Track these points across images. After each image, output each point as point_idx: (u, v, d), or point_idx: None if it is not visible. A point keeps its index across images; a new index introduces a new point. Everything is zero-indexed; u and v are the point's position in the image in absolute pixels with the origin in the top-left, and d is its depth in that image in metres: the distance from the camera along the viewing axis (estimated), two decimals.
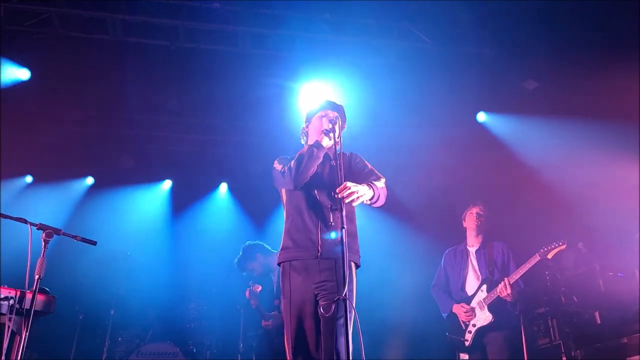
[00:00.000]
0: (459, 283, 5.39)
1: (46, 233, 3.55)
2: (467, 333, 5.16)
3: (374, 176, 3.59)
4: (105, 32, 6.53)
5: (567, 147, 6.72)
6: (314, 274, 3.36)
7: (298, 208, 3.52)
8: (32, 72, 7.04)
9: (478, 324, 5.12)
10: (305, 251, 3.40)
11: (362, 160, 3.77)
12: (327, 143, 3.51)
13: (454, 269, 5.51)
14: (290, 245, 3.48)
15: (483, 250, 5.42)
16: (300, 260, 3.41)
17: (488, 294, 5.12)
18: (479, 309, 5.15)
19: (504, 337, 5.02)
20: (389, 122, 7.75)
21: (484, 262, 5.33)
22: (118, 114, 8.13)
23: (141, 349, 6.29)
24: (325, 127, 3.54)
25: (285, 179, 3.53)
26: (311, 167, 3.47)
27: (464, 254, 5.51)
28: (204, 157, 9.05)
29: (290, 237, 3.49)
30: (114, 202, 8.59)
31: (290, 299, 3.36)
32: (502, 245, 5.42)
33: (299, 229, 3.46)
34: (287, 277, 3.43)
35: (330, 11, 6.56)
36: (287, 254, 3.49)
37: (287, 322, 3.35)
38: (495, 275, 5.23)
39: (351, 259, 3.34)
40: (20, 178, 8.45)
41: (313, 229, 3.38)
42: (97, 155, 8.61)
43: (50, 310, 3.76)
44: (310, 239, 3.40)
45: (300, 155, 3.52)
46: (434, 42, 6.91)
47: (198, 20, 6.49)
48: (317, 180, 3.54)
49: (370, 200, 3.39)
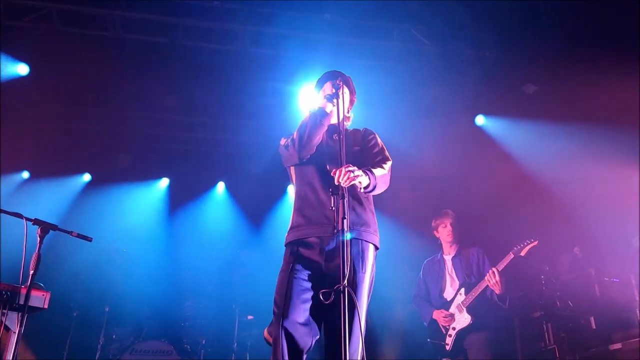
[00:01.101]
0: (437, 291, 5.47)
1: (41, 228, 3.54)
2: (448, 337, 5.22)
3: (381, 157, 3.34)
4: (105, 28, 6.51)
5: (565, 151, 6.73)
6: (325, 252, 3.05)
7: (311, 184, 3.22)
8: (31, 68, 7.02)
9: (458, 326, 5.17)
10: (319, 227, 3.09)
11: (375, 137, 3.48)
12: (330, 109, 3.24)
13: (432, 278, 5.59)
14: (302, 222, 3.15)
15: (459, 257, 5.50)
16: (314, 237, 3.09)
17: (466, 296, 5.18)
18: (458, 312, 5.21)
19: (485, 338, 5.04)
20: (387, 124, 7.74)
21: (460, 268, 5.41)
22: (116, 111, 8.11)
23: (135, 347, 6.27)
24: (328, 92, 3.28)
25: (289, 152, 3.26)
26: (315, 135, 3.20)
27: (440, 263, 5.60)
28: (202, 156, 9.04)
29: (302, 214, 3.18)
30: (111, 199, 8.57)
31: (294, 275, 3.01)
32: (477, 250, 5.49)
33: (313, 205, 3.16)
34: (294, 256, 3.08)
35: (330, 11, 6.56)
36: (298, 232, 3.15)
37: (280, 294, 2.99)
38: (472, 279, 5.29)
39: (369, 239, 3.14)
40: (17, 174, 8.42)
41: (328, 205, 2.93)
42: (95, 152, 8.60)
43: (44, 306, 3.74)
44: (326, 215, 3.08)
45: (302, 124, 3.26)
46: (434, 44, 6.92)
47: (197, 18, 6.48)
48: (330, 154, 3.25)
49: (365, 189, 3.09)
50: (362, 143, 3.42)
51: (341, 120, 3.11)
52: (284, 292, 2.97)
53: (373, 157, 3.34)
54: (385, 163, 3.28)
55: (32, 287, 3.46)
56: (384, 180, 3.20)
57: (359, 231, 3.10)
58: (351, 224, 2.98)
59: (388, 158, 3.37)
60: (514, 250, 5.08)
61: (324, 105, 3.26)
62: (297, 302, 2.94)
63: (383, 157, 3.35)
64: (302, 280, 3.00)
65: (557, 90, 6.95)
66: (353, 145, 3.36)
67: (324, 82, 3.49)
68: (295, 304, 2.93)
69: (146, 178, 9.13)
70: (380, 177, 3.15)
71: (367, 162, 3.27)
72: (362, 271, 3.04)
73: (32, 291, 3.48)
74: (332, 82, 3.32)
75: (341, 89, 3.20)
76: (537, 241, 5.05)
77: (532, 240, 5.07)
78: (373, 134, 3.50)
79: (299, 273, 3.02)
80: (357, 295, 2.95)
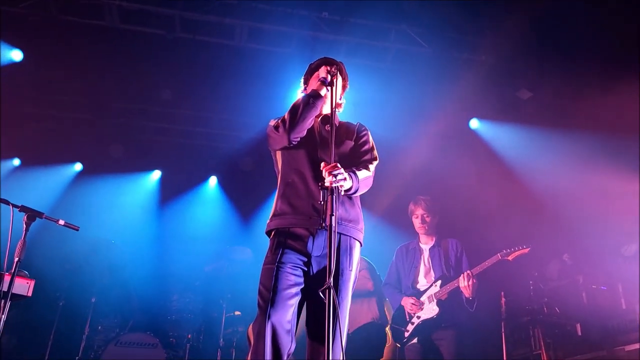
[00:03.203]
0: (410, 280, 5.32)
1: (28, 216, 3.52)
2: (410, 324, 5.14)
3: (369, 156, 3.28)
4: (102, 18, 6.49)
5: (557, 158, 6.75)
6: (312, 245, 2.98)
7: (300, 172, 3.11)
8: (25, 54, 6.97)
9: (423, 316, 5.08)
10: (306, 219, 3.00)
11: (367, 134, 3.40)
12: (325, 93, 3.13)
13: (405, 266, 5.43)
14: (288, 210, 3.05)
15: (437, 247, 5.36)
16: (302, 229, 3.00)
17: (441, 289, 5.07)
18: (428, 302, 5.11)
19: (453, 335, 4.96)
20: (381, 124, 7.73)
21: (438, 260, 5.27)
22: (110, 101, 8.07)
23: (120, 338, 6.24)
24: (323, 75, 3.16)
25: (278, 133, 3.11)
26: (307, 117, 3.09)
27: (416, 252, 5.43)
28: (195, 150, 9.02)
29: (289, 202, 3.07)
30: (102, 189, 8.52)
31: (281, 268, 2.92)
32: (455, 242, 5.37)
33: (301, 194, 3.05)
34: (280, 248, 2.98)
35: (329, 10, 6.55)
36: (283, 220, 3.05)
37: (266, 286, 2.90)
38: (451, 272, 5.19)
39: (356, 236, 3.10)
40: (8, 160, 8.36)
41: (317, 197, 2.81)
42: (87, 141, 8.53)
43: (28, 294, 3.71)
44: (314, 206, 2.99)
45: (295, 105, 3.15)
46: (431, 46, 6.92)
47: (195, 11, 6.46)
48: (322, 143, 3.18)
49: (346, 192, 2.98)
50: (355, 138, 3.35)
51: (334, 109, 3.02)
52: (270, 285, 2.88)
53: (362, 154, 3.29)
54: (371, 163, 3.23)
55: (17, 275, 3.42)
56: (366, 183, 3.13)
57: (347, 227, 3.07)
58: (339, 219, 2.94)
59: (375, 158, 3.31)
60: (502, 252, 4.97)
61: (318, 88, 3.16)
62: (284, 297, 2.87)
63: (371, 157, 3.28)
64: (289, 274, 2.93)
65: (551, 97, 6.98)
66: (345, 138, 3.31)
67: (318, 66, 3.37)
68: (282, 298, 2.86)
69: (138, 170, 9.09)
70: (364, 179, 3.08)
71: (356, 158, 3.25)
72: (349, 268, 3.01)
73: (16, 279, 3.45)
74: (327, 68, 3.21)
75: (336, 77, 3.12)
76: (528, 249, 4.95)
77: (524, 247, 4.97)
78: (366, 131, 3.43)
79: (286, 266, 2.93)
80: (343, 292, 2.94)
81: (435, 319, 5.03)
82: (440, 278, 5.17)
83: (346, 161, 3.04)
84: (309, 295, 2.96)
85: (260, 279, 2.98)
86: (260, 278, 2.98)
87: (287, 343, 2.84)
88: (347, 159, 3.11)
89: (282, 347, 2.82)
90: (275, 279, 2.89)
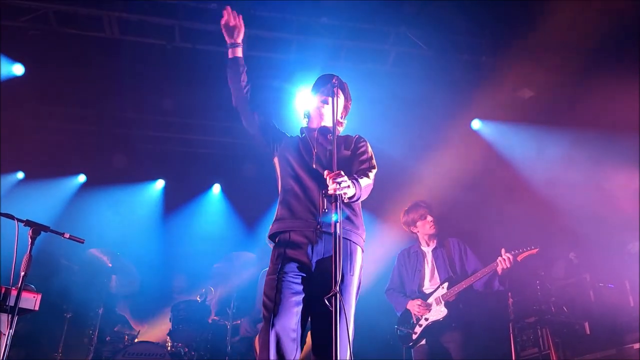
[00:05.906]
0: (415, 285, 5.28)
1: (33, 230, 3.52)
2: (418, 327, 5.08)
3: (368, 164, 3.33)
4: (102, 29, 6.51)
5: (561, 156, 6.74)
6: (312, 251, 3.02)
7: (297, 178, 3.20)
8: (27, 68, 7.01)
9: (431, 318, 5.03)
10: (303, 222, 3.07)
11: (365, 145, 3.47)
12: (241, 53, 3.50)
13: (409, 271, 5.39)
14: (286, 215, 3.13)
15: (440, 249, 5.32)
16: (301, 236, 3.05)
17: (449, 290, 5.02)
18: (435, 304, 5.06)
19: (463, 337, 4.92)
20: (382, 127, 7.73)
21: (442, 261, 5.24)
22: (112, 112, 8.10)
23: (128, 349, 6.23)
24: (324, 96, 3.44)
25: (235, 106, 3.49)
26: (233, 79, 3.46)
27: (418, 255, 5.39)
28: (198, 158, 9.05)
29: (287, 207, 3.15)
30: (106, 200, 8.53)
31: (283, 277, 2.96)
32: (456, 241, 5.35)
33: (299, 199, 3.13)
34: (281, 258, 3.03)
35: (328, 15, 6.56)
36: (282, 224, 3.14)
37: (269, 296, 2.94)
38: (457, 273, 5.15)
39: (357, 241, 3.13)
40: (12, 174, 8.39)
41: (315, 201, 2.98)
42: (90, 153, 8.57)
43: (35, 308, 3.70)
44: (311, 211, 3.07)
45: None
46: (430, 49, 6.92)
47: (195, 20, 6.48)
48: (320, 152, 3.28)
49: (349, 199, 2.99)
50: (353, 148, 3.41)
51: (335, 121, 3.08)
52: (273, 295, 2.92)
53: (360, 163, 3.34)
54: (371, 171, 3.26)
55: (23, 289, 3.43)
56: (367, 191, 3.16)
57: (347, 232, 3.08)
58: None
59: (374, 166, 3.35)
60: (513, 253, 4.91)
61: (320, 105, 3.41)
62: (287, 306, 2.89)
63: (370, 165, 3.33)
64: (291, 283, 2.96)
65: (553, 96, 6.96)
66: (344, 148, 3.36)
67: (320, 85, 3.53)
68: (285, 307, 2.89)
69: (142, 180, 9.10)
70: (365, 187, 3.11)
71: (355, 167, 3.29)
72: (351, 273, 3.02)
73: (23, 293, 3.44)
74: (328, 85, 3.35)
75: (337, 88, 3.23)
76: (537, 249, 4.90)
77: (533, 247, 4.92)
78: (364, 141, 3.49)
79: (288, 276, 2.97)
80: (346, 298, 2.93)
81: (443, 321, 4.99)
82: (447, 280, 5.13)
83: (345, 169, 3.04)
84: (312, 301, 2.96)
85: (263, 290, 3.02)
86: (264, 289, 3.02)
87: (291, 350, 2.84)
88: (346, 167, 3.14)
89: (287, 354, 2.82)
90: (277, 290, 2.93)
